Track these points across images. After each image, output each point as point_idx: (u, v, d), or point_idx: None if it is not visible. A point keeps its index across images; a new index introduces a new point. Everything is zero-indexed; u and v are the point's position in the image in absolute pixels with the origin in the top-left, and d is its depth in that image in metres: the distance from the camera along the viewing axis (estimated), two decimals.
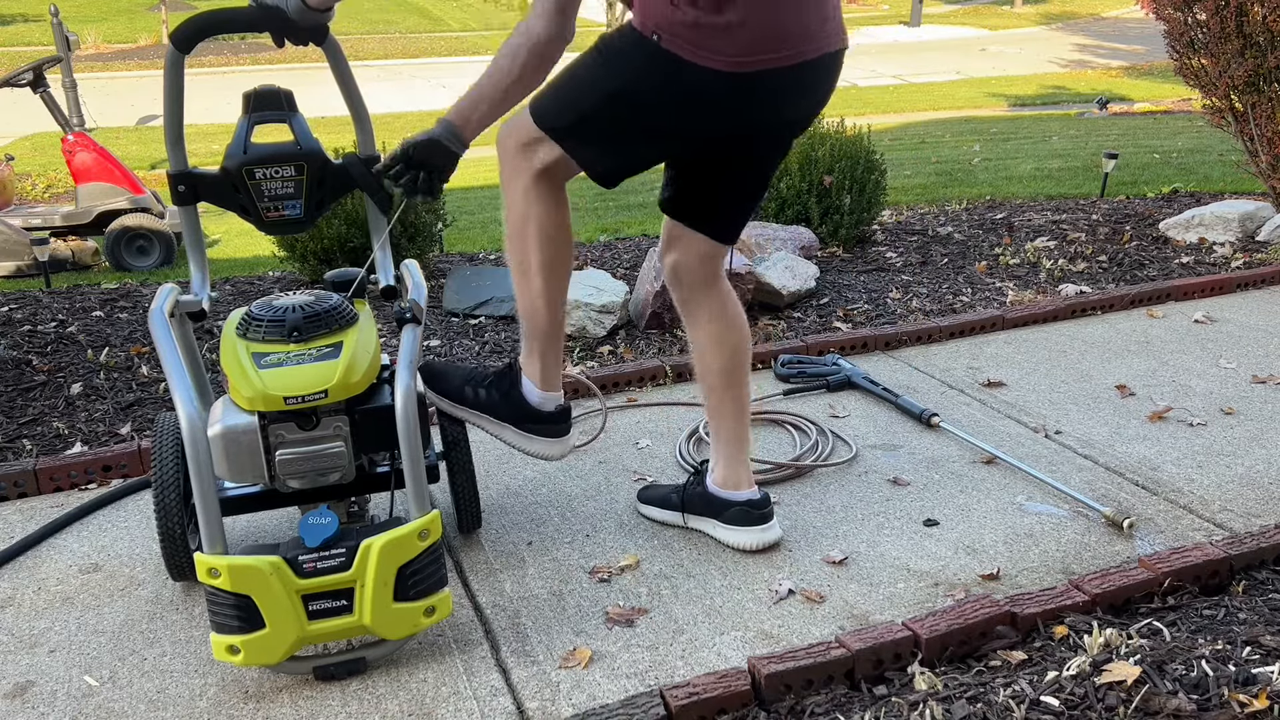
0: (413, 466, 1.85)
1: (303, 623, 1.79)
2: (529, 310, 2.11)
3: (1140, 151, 7.95)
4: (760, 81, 1.88)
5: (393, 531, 1.81)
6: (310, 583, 1.78)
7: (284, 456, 1.87)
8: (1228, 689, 1.64)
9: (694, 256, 2.17)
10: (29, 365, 3.39)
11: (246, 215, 2.09)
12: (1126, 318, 3.73)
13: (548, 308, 2.10)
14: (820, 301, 3.96)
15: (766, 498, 2.27)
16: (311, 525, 1.81)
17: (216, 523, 1.77)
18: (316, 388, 1.84)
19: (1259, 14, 4.22)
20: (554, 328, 2.14)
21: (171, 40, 1.96)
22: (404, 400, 1.84)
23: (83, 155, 6.59)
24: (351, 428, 1.91)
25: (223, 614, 1.77)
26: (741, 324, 2.23)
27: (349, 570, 1.79)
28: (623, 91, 1.92)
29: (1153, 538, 2.28)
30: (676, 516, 2.34)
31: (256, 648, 1.77)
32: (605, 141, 1.98)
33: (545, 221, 2.03)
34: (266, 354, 1.89)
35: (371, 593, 1.80)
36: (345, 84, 2.15)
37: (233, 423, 1.86)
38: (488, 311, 3.86)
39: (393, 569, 1.81)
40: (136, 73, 16.46)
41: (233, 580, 1.74)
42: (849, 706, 1.74)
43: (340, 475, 1.93)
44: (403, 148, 1.94)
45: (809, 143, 4.68)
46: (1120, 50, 19.29)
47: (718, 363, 2.22)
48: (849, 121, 4.95)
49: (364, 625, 1.82)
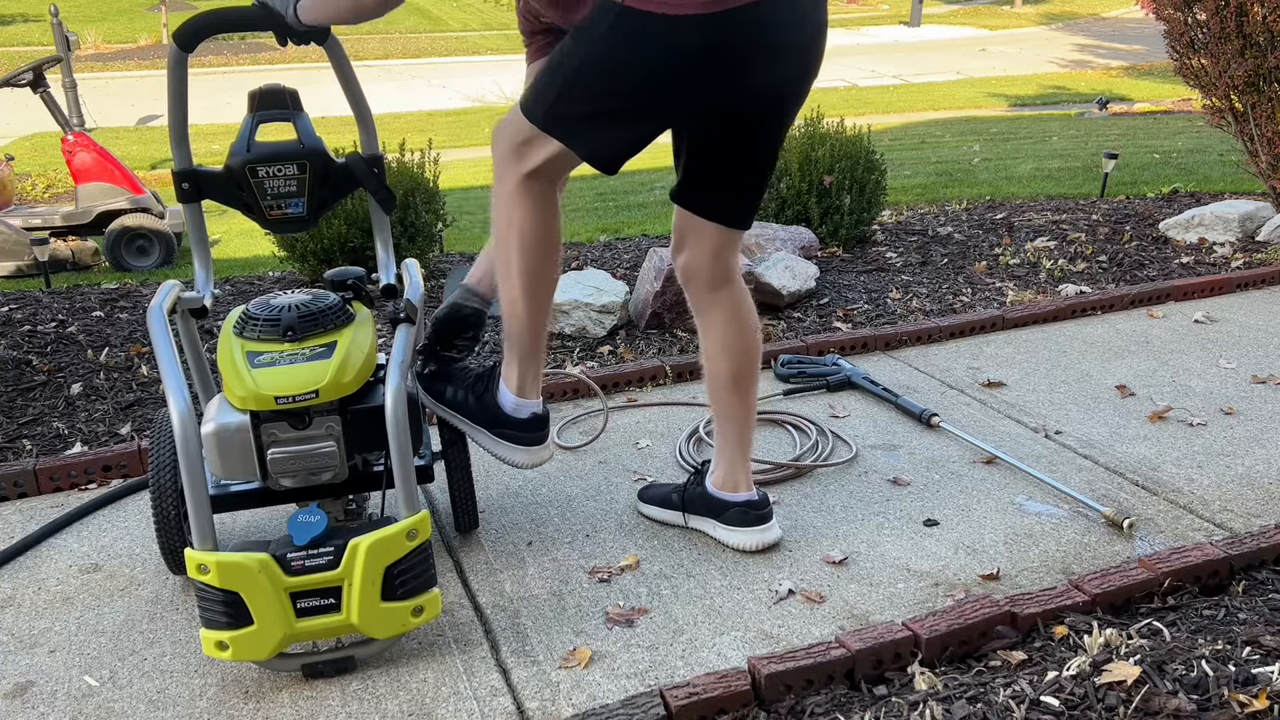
0: (401, 466, 1.85)
1: (290, 620, 1.79)
2: (509, 316, 2.09)
3: (1140, 151, 7.96)
4: (738, 21, 1.79)
5: (380, 531, 1.81)
6: (298, 580, 1.78)
7: (276, 456, 1.88)
8: (1228, 689, 1.64)
9: (705, 253, 2.13)
10: (29, 365, 3.39)
11: (250, 213, 2.10)
12: (1126, 318, 3.73)
13: (528, 315, 2.07)
14: (820, 301, 3.96)
15: (765, 499, 2.27)
16: (300, 523, 1.81)
17: (207, 519, 1.78)
18: (308, 388, 1.84)
19: (1259, 14, 4.22)
20: (534, 336, 2.11)
21: (174, 39, 1.96)
22: (393, 400, 1.84)
23: (83, 155, 6.59)
24: (344, 427, 1.91)
25: (212, 610, 1.78)
26: (754, 331, 2.21)
27: (337, 569, 1.79)
28: (596, 65, 1.86)
29: (1153, 538, 2.28)
30: (677, 516, 2.34)
31: (245, 644, 1.78)
32: (592, 123, 1.91)
33: (530, 227, 1.99)
34: (260, 353, 1.89)
35: (359, 592, 1.80)
36: (348, 83, 2.15)
37: (225, 421, 1.86)
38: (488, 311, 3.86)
39: (380, 568, 1.81)
40: (136, 73, 16.45)
41: (221, 577, 1.75)
42: (849, 706, 1.74)
43: (333, 474, 1.93)
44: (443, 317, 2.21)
45: (809, 143, 4.68)
46: (1121, 50, 19.29)
47: (727, 368, 2.20)
48: (849, 121, 4.95)
49: (351, 624, 1.82)
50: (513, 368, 2.13)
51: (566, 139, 1.92)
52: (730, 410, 2.24)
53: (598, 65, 1.87)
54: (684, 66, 1.83)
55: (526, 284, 2.04)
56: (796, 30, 1.90)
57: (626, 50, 1.84)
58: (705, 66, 1.84)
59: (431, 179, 4.47)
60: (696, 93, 1.89)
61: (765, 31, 1.84)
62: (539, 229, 2.00)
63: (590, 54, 1.87)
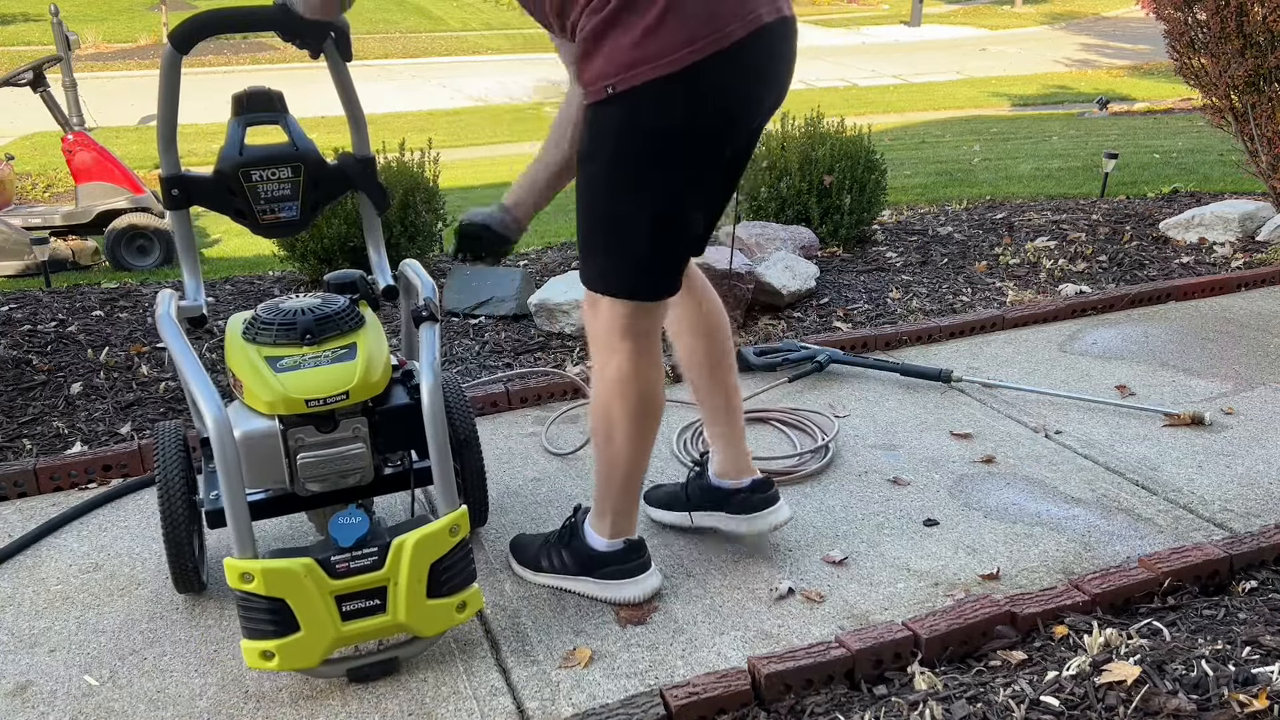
0: (440, 464, 1.85)
1: (337, 624, 1.78)
2: (605, 477, 2.02)
3: (1140, 151, 7.95)
4: (710, 71, 1.74)
5: (424, 528, 1.80)
6: (343, 583, 1.77)
7: (305, 460, 1.86)
8: (1228, 689, 1.64)
9: None
10: (29, 365, 3.39)
11: (241, 219, 2.06)
12: (1126, 318, 3.73)
13: (625, 479, 2.02)
14: (820, 301, 3.96)
15: (769, 480, 2.24)
16: (343, 525, 1.80)
17: (246, 528, 1.76)
18: (337, 389, 1.83)
19: (1259, 14, 4.22)
20: (629, 494, 2.05)
21: (170, 40, 1.93)
22: (431, 399, 1.84)
23: (83, 155, 6.59)
24: (370, 428, 1.91)
25: (256, 619, 1.74)
26: (718, 309, 2.18)
27: (382, 569, 1.78)
28: (622, 172, 1.82)
29: (1153, 538, 2.28)
30: (684, 518, 2.31)
31: (292, 652, 1.75)
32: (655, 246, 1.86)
33: (647, 385, 1.94)
34: (281, 357, 1.87)
35: (405, 590, 1.79)
36: (343, 85, 2.14)
37: (252, 427, 1.84)
38: (488, 311, 3.86)
39: (425, 566, 1.80)
40: (137, 72, 16.45)
41: (267, 584, 1.72)
42: (849, 706, 1.74)
43: (359, 477, 1.92)
44: (461, 225, 2.09)
45: (809, 143, 4.68)
46: (1124, 50, 19.29)
47: (699, 351, 2.17)
48: (849, 121, 4.95)
49: (399, 623, 1.81)
50: (605, 520, 2.06)
51: (633, 285, 1.88)
52: (715, 397, 2.20)
53: (628, 173, 1.81)
54: (701, 118, 1.79)
55: (631, 449, 1.98)
56: (781, 64, 1.87)
57: (645, 137, 1.78)
58: (717, 110, 1.81)
59: (431, 179, 4.47)
60: (708, 144, 1.84)
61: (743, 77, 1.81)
62: (653, 381, 1.95)
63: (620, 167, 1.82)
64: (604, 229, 1.88)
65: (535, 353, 3.48)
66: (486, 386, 3.09)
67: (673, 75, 1.72)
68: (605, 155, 1.83)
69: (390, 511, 2.43)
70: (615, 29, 1.73)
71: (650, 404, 1.96)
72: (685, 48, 1.71)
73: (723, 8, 1.74)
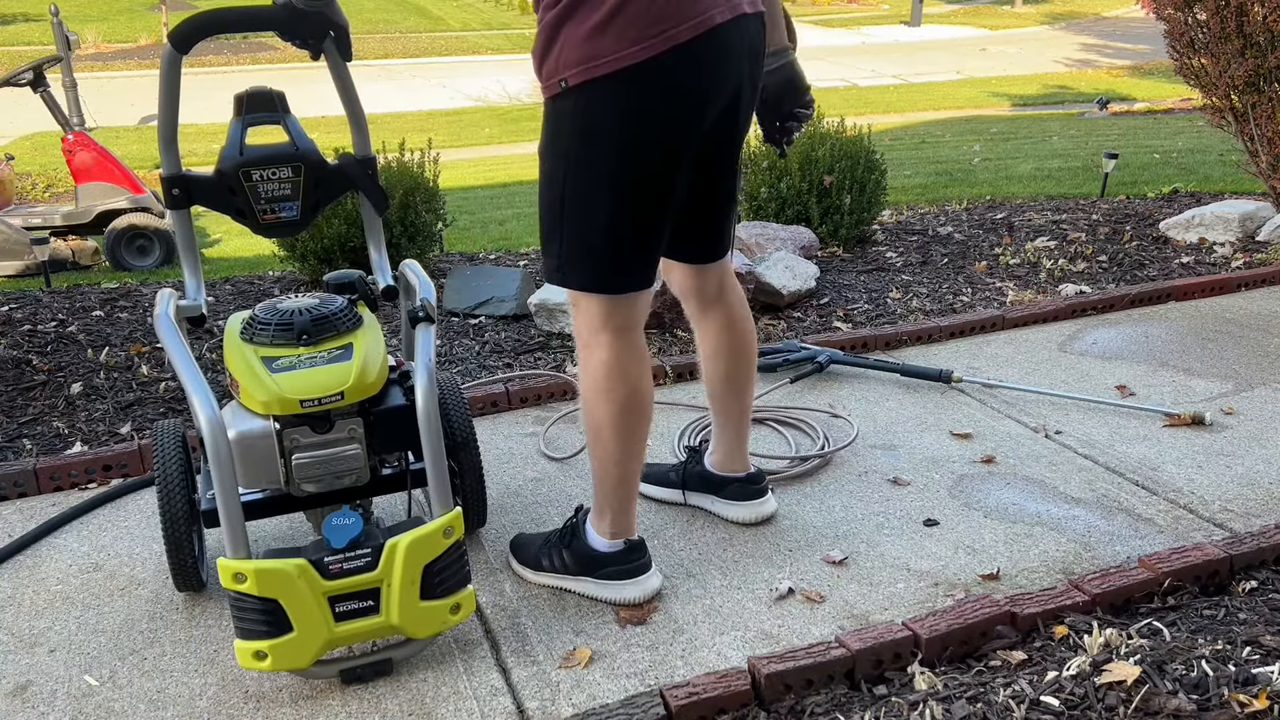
0: (435, 465, 1.85)
1: (330, 625, 1.78)
2: (601, 476, 2.02)
3: (1140, 151, 7.95)
4: (657, 71, 1.74)
5: (418, 530, 1.80)
6: (337, 584, 1.77)
7: (301, 460, 1.86)
8: (1228, 689, 1.64)
9: (693, 282, 2.16)
10: (29, 365, 3.39)
11: (242, 218, 2.06)
12: (1126, 318, 3.73)
13: (620, 476, 2.01)
14: (820, 301, 3.96)
15: (761, 474, 2.34)
16: (336, 526, 1.79)
17: (240, 528, 1.76)
18: (333, 390, 1.83)
19: (1259, 14, 4.22)
20: (627, 492, 2.04)
21: (170, 40, 1.94)
22: (425, 400, 1.84)
23: (83, 155, 6.59)
24: (366, 429, 1.90)
25: (249, 619, 1.74)
26: (749, 333, 2.22)
27: (375, 570, 1.78)
28: (576, 166, 1.82)
29: (1153, 538, 2.28)
30: (676, 494, 2.38)
31: (284, 652, 1.75)
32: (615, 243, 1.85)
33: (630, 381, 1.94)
34: (277, 358, 1.87)
35: (399, 592, 1.79)
36: (343, 85, 2.14)
37: (248, 427, 1.84)
38: (488, 311, 3.86)
39: (419, 567, 1.80)
40: (137, 72, 16.46)
41: (260, 584, 1.72)
42: (849, 706, 1.74)
43: (355, 478, 1.92)
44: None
45: (809, 142, 4.68)
46: (1125, 50, 19.28)
47: (723, 370, 2.23)
48: (849, 121, 4.95)
49: (392, 625, 1.81)
50: (604, 519, 2.06)
51: (609, 280, 1.88)
52: (730, 410, 2.28)
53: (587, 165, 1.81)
54: (650, 116, 1.78)
55: (620, 447, 1.98)
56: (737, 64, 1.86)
57: (603, 131, 1.78)
58: (667, 109, 1.79)
59: (431, 179, 4.47)
60: (674, 138, 1.82)
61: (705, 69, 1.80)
62: (626, 388, 1.95)
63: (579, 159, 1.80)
64: (560, 222, 1.89)
65: (535, 353, 3.48)
66: (486, 387, 3.09)
67: (619, 73, 1.73)
68: (560, 149, 1.84)
69: (390, 512, 2.43)
70: (569, 22, 1.75)
71: (635, 400, 1.95)
72: (633, 45, 1.72)
73: (672, 8, 1.73)
